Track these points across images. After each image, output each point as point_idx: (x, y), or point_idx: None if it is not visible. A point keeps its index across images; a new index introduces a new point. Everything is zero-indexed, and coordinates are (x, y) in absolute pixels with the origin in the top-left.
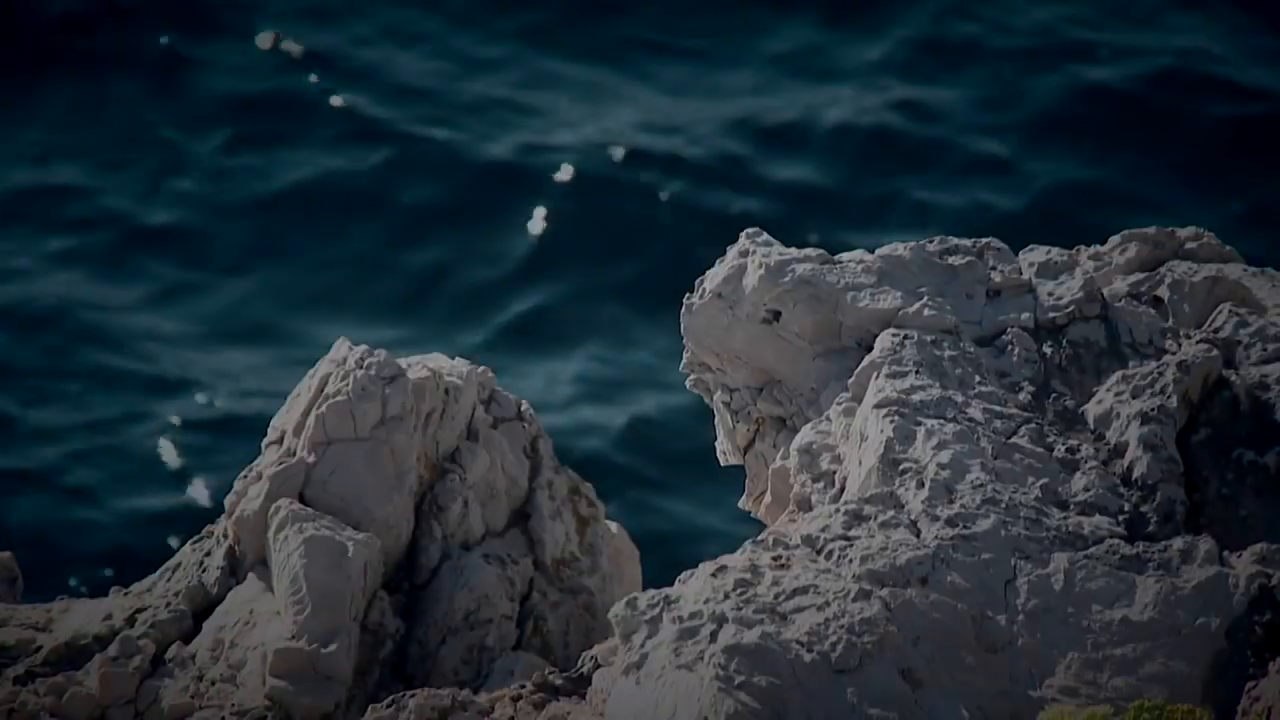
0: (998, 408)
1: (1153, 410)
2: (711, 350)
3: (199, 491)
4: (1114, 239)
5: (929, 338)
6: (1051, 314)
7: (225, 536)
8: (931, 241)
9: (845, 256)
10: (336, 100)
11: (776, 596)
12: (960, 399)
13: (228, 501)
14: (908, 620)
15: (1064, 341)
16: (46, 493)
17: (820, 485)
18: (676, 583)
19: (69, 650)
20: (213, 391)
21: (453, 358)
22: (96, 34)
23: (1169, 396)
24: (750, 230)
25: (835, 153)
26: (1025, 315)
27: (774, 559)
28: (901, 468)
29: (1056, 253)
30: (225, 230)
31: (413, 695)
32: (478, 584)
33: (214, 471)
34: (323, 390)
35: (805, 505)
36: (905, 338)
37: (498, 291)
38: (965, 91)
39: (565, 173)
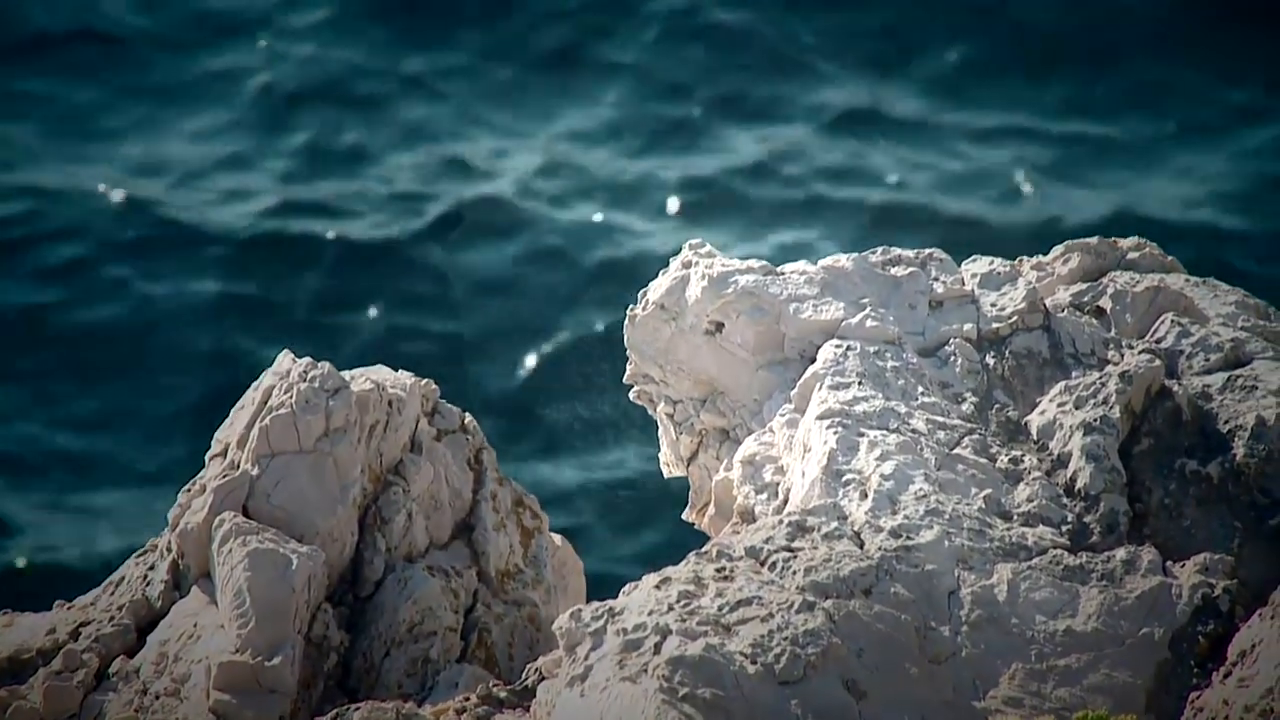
0: (940, 418)
1: (1095, 421)
2: (654, 362)
3: None
4: (1057, 249)
5: (872, 348)
6: (994, 324)
7: (169, 550)
8: (874, 252)
9: (788, 267)
10: None
11: (720, 608)
12: (903, 410)
13: (171, 515)
14: (851, 631)
15: (1007, 352)
16: None
17: (764, 496)
18: (620, 594)
19: (12, 664)
20: None
21: (396, 371)
22: None
23: (1111, 407)
24: (693, 241)
25: None
26: (968, 326)
27: (718, 571)
28: (845, 479)
29: (999, 263)
30: None
31: (357, 708)
32: (422, 596)
33: None
34: (266, 403)
35: (749, 516)
36: (848, 349)
37: None
38: None
39: None
